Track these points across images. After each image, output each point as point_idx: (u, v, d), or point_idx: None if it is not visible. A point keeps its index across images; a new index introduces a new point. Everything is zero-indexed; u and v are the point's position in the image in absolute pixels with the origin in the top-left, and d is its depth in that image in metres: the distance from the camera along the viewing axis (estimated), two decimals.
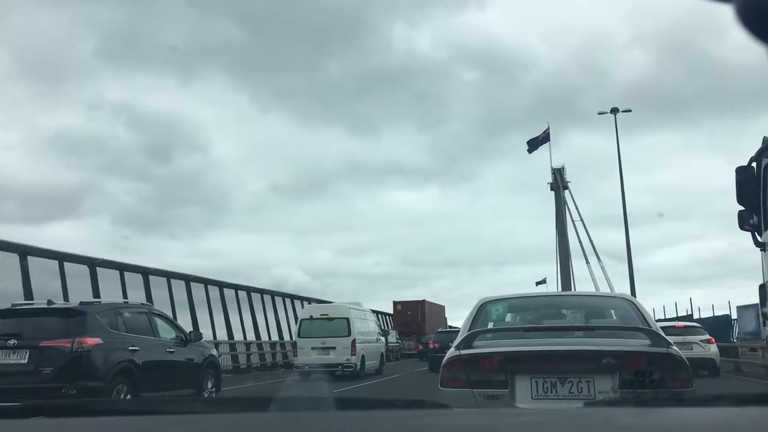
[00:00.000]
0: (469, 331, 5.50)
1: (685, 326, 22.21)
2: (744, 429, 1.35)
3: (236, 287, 31.36)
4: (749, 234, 7.13)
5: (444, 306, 48.03)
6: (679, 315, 35.47)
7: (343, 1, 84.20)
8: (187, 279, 27.60)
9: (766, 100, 78.23)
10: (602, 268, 44.16)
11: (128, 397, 10.23)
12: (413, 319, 34.79)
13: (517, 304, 6.84)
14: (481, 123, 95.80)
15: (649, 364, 4.78)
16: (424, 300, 42.93)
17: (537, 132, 54.89)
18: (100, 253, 21.21)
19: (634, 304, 6.11)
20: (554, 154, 55.32)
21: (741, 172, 7.03)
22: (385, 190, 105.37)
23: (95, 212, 74.75)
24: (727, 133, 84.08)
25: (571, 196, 51.92)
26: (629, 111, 39.64)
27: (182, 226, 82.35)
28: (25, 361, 9.86)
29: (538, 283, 58.60)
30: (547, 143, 54.76)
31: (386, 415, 1.72)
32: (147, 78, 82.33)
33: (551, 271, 56.61)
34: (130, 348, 10.73)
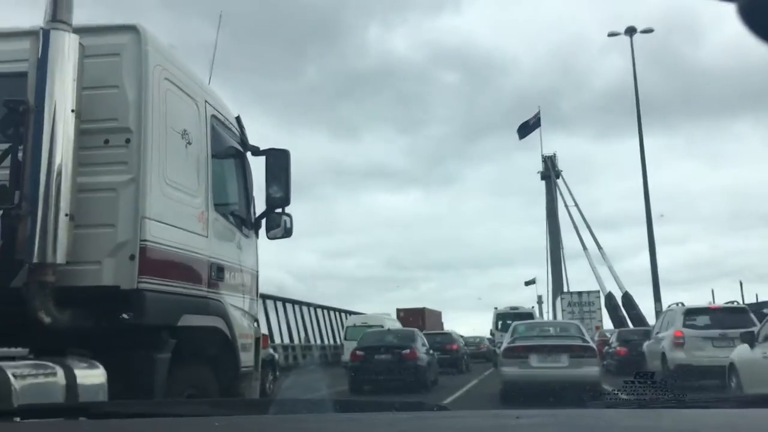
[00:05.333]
0: (512, 336, 13.64)
1: None
2: (745, 431, 1.35)
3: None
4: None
5: (441, 312, 48.68)
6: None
7: (319, 4, 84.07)
8: None
9: (741, 104, 78.44)
10: (603, 256, 40.30)
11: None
12: (414, 324, 35.29)
13: (530, 324, 17.07)
14: (462, 125, 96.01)
15: (578, 348, 12.47)
16: (424, 308, 44.41)
17: (516, 137, 53.18)
18: None
19: (578, 325, 15.40)
20: (535, 155, 53.16)
21: None
22: (367, 193, 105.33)
23: None
24: (705, 137, 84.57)
25: (565, 183, 48.98)
26: (651, 31, 30.90)
27: None
28: None
29: (527, 283, 57.97)
30: (538, 128, 52.28)
31: (385, 417, 1.71)
32: None
33: (537, 272, 55.42)
34: None
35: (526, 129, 52.40)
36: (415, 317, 41.69)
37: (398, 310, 43.68)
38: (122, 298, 3.96)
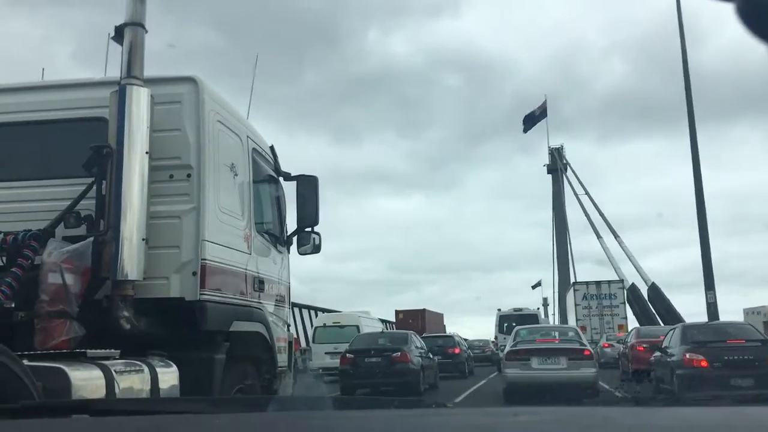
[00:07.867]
0: (514, 340, 14.74)
1: None
2: (742, 428, 1.35)
3: None
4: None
5: (443, 314, 48.11)
6: None
7: (319, 9, 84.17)
8: None
9: (741, 107, 78.26)
10: (621, 245, 37.16)
11: None
12: (414, 326, 34.84)
13: (531, 328, 17.43)
14: (463, 129, 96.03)
15: (576, 351, 13.36)
16: (424, 309, 43.40)
17: (519, 139, 52.12)
18: None
19: (576, 329, 16.71)
20: (538, 158, 51.76)
21: None
22: (369, 198, 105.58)
23: None
24: (706, 141, 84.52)
25: (574, 173, 47.08)
26: None
27: None
28: None
29: (534, 287, 57.70)
30: (544, 119, 50.00)
31: (385, 414, 1.72)
32: None
33: (543, 276, 54.81)
34: None
35: (531, 120, 50.91)
36: (414, 319, 40.96)
37: (397, 312, 43.05)
38: (187, 308, 4.64)
